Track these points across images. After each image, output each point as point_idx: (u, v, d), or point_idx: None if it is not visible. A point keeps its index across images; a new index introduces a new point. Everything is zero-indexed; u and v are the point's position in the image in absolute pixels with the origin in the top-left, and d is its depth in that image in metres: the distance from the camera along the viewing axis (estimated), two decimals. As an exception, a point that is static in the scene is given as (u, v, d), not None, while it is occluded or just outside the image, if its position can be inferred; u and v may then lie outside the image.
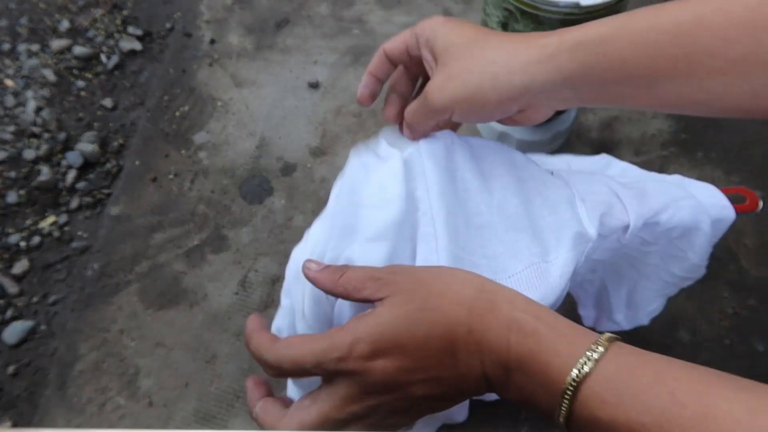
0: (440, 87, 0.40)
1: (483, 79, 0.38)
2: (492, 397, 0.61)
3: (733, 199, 0.46)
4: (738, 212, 0.46)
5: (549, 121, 0.73)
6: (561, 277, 0.39)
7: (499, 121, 0.42)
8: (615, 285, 0.50)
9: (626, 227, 0.42)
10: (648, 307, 0.52)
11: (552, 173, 0.45)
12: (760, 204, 0.48)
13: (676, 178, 0.49)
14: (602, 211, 0.41)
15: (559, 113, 0.71)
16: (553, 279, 0.39)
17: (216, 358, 0.67)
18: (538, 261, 0.40)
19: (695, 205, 0.44)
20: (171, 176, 0.80)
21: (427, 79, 0.44)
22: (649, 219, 0.43)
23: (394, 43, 0.47)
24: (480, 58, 0.38)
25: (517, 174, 0.43)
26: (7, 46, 0.93)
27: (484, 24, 0.61)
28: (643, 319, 0.53)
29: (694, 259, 0.47)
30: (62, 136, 0.84)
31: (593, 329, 0.33)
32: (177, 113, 0.86)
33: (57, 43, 0.93)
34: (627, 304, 0.51)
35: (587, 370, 0.28)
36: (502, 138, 0.75)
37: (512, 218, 0.41)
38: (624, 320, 0.52)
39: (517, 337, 0.31)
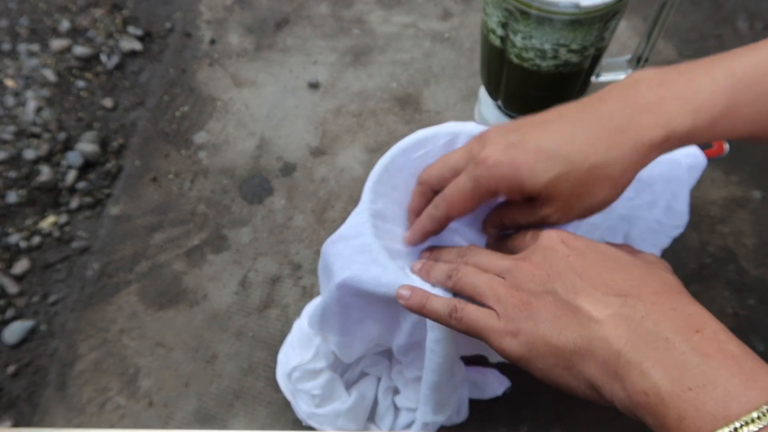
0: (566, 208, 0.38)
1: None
2: (491, 394, 0.61)
3: (702, 146, 0.50)
4: (708, 157, 0.49)
5: None
6: None
7: None
8: (609, 235, 0.53)
9: None
10: None
11: None
12: (726, 147, 0.52)
13: None
14: None
15: None
16: None
17: (216, 358, 0.67)
18: None
19: (670, 158, 0.47)
20: (171, 176, 0.80)
21: None
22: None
23: (434, 178, 0.43)
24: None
25: None
26: (7, 46, 0.93)
27: (484, 25, 0.61)
28: None
29: (677, 207, 0.50)
30: (62, 136, 0.85)
31: None
32: (177, 113, 0.86)
33: (57, 43, 0.93)
34: None
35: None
36: None
37: None
38: None
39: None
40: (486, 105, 0.76)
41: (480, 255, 0.40)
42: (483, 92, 0.77)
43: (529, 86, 0.62)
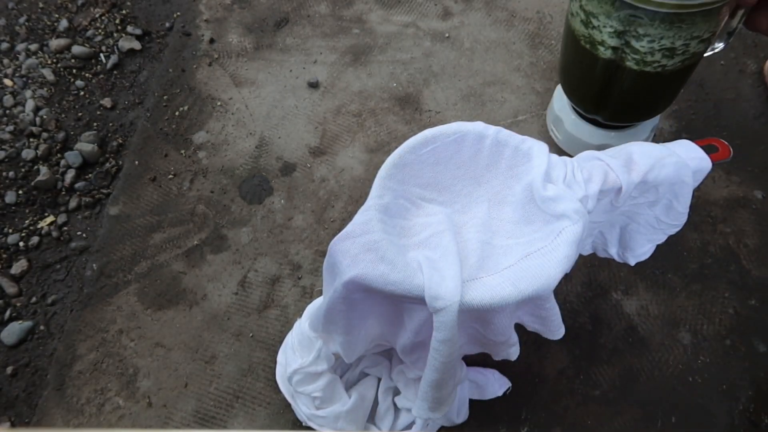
0: None
1: None
2: (491, 395, 0.61)
3: (707, 150, 0.50)
4: (713, 161, 0.50)
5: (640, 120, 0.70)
6: (570, 245, 0.43)
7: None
8: (608, 227, 0.54)
9: (619, 189, 0.46)
10: (637, 250, 0.54)
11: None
12: (731, 151, 0.52)
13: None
14: (602, 179, 0.46)
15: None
16: (560, 253, 0.43)
17: (215, 358, 0.67)
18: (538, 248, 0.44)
19: (677, 161, 0.47)
20: (170, 176, 0.80)
21: None
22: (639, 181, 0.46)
23: None
24: None
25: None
26: (5, 46, 0.93)
27: (586, 39, 0.57)
28: (631, 260, 0.55)
29: (679, 207, 0.50)
30: (61, 135, 0.84)
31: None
32: (176, 113, 0.86)
33: (56, 43, 0.93)
34: (618, 242, 0.55)
35: None
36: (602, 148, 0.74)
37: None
38: (616, 255, 0.55)
39: None
40: (574, 123, 0.71)
41: None
42: (563, 109, 0.72)
43: (645, 91, 0.59)
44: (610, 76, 0.59)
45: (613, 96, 0.61)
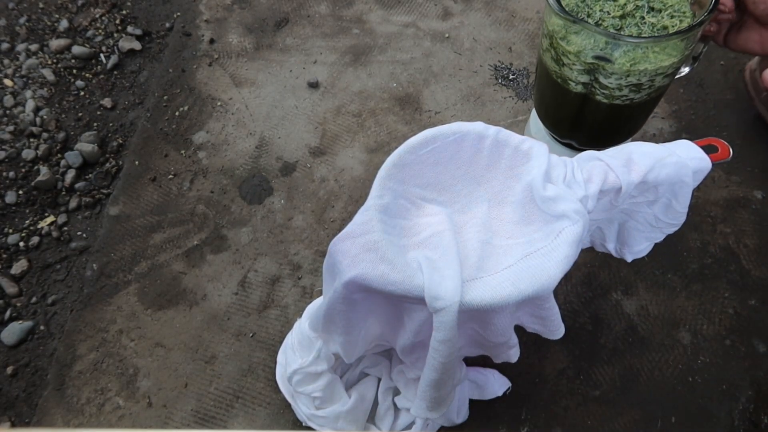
0: None
1: None
2: (491, 395, 0.61)
3: (707, 150, 0.50)
4: (713, 161, 0.50)
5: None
6: (570, 245, 0.43)
7: None
8: (606, 223, 0.54)
9: (618, 189, 0.46)
10: (635, 247, 0.55)
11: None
12: (731, 152, 0.52)
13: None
14: (601, 179, 0.46)
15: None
16: (560, 253, 0.43)
17: (215, 358, 0.67)
18: (538, 248, 0.44)
19: (677, 161, 0.48)
20: (170, 176, 0.80)
21: None
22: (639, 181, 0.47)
23: None
24: None
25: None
26: (6, 46, 0.93)
27: (556, 74, 0.60)
28: (628, 257, 0.55)
29: (678, 207, 0.50)
30: (61, 135, 0.84)
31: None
32: (176, 113, 0.86)
33: (56, 43, 0.93)
34: (616, 238, 0.55)
35: None
36: None
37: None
38: (614, 250, 0.55)
39: None
40: (551, 145, 0.72)
41: None
42: (539, 133, 0.73)
43: (615, 119, 0.61)
44: (582, 106, 0.61)
45: (586, 123, 0.64)
